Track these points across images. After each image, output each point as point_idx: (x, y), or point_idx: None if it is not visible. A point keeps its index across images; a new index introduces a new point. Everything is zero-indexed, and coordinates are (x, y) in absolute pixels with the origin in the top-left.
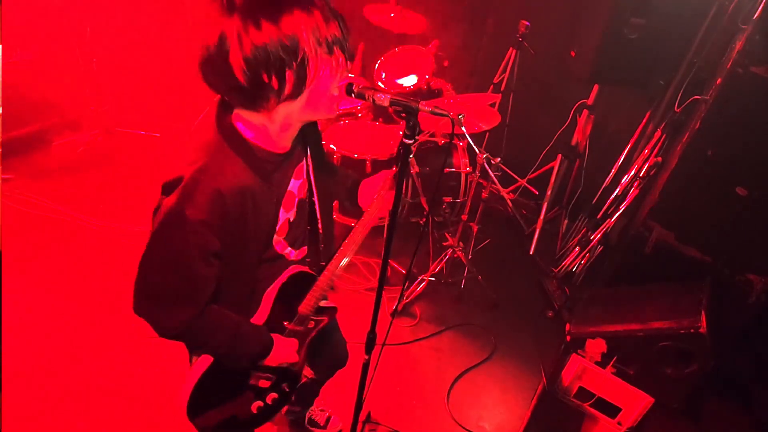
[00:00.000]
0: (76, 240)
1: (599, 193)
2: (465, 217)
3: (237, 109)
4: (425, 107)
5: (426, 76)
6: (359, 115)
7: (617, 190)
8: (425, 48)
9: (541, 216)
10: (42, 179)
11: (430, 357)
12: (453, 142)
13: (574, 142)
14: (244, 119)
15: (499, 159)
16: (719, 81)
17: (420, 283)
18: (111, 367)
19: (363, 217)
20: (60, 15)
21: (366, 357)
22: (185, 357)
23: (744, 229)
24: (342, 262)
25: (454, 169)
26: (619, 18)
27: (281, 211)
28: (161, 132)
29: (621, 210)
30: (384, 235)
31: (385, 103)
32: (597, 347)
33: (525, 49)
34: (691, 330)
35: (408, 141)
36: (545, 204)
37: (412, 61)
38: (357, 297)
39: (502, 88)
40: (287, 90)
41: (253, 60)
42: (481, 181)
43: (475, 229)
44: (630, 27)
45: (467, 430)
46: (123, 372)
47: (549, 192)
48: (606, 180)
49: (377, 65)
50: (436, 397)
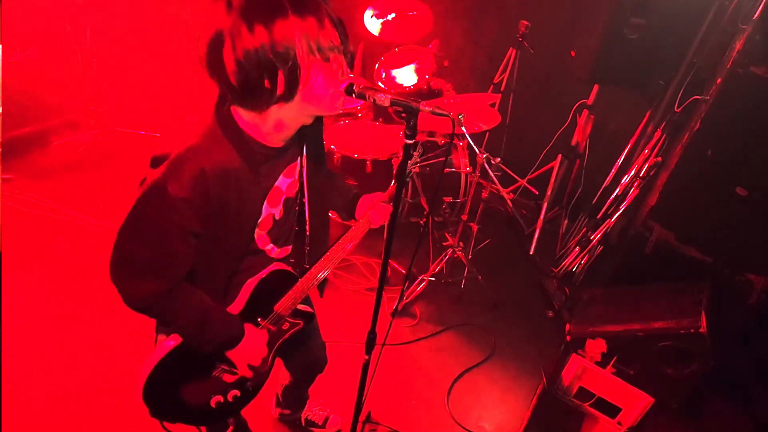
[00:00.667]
0: (76, 240)
1: (599, 193)
2: (465, 217)
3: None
4: (425, 107)
5: (426, 76)
6: (359, 115)
7: (617, 190)
8: (425, 48)
9: (541, 216)
10: (42, 179)
11: (430, 357)
12: (453, 142)
13: (574, 142)
14: (239, 113)
15: (499, 159)
16: (719, 81)
17: (420, 283)
18: (111, 367)
19: (353, 227)
20: (60, 15)
21: (366, 357)
22: None
23: (744, 229)
24: (325, 270)
25: (454, 169)
26: (619, 18)
27: (265, 205)
28: (161, 132)
29: (621, 210)
30: (384, 235)
31: (386, 103)
32: (597, 347)
33: (525, 49)
34: (691, 330)
35: (408, 141)
36: (545, 204)
37: (412, 61)
38: (357, 297)
39: (502, 88)
40: (279, 92)
41: (245, 63)
42: (481, 181)
43: (475, 229)
44: (630, 27)
45: (467, 430)
46: (123, 372)
47: (549, 192)
48: (606, 180)
49: (377, 65)
50: (436, 397)
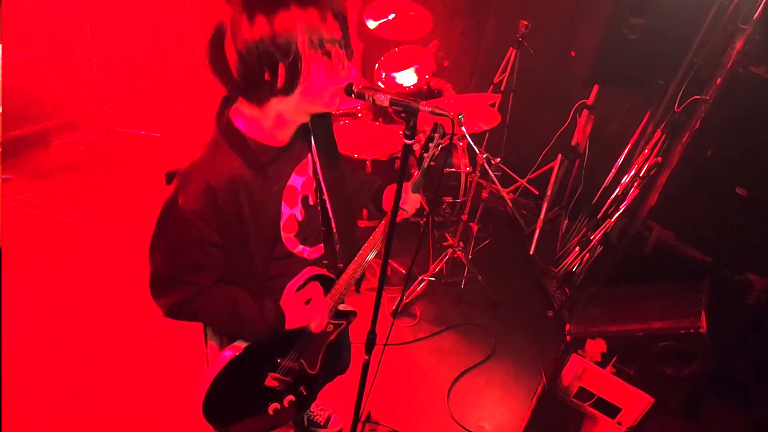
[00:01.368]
0: (76, 240)
1: (599, 193)
2: (465, 217)
3: (238, 102)
4: (425, 107)
5: (426, 76)
6: (359, 115)
7: (617, 190)
8: (425, 48)
9: (541, 216)
10: (42, 179)
11: (430, 357)
12: (453, 142)
13: (574, 142)
14: (241, 112)
15: (499, 159)
16: (719, 81)
17: (420, 283)
18: (111, 367)
19: (384, 220)
20: (60, 15)
21: (366, 357)
22: (186, 357)
23: (744, 229)
24: (361, 266)
25: (454, 169)
26: (619, 18)
27: (283, 206)
28: (161, 132)
29: (621, 210)
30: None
31: (385, 104)
32: (597, 347)
33: (525, 49)
34: (691, 330)
35: (408, 141)
36: (545, 204)
37: (412, 61)
38: (357, 297)
39: (502, 88)
40: (279, 84)
41: (246, 54)
42: (481, 181)
43: (475, 229)
44: (630, 27)
45: (467, 430)
46: (123, 372)
47: (549, 192)
48: (606, 180)
49: (377, 65)
50: (436, 397)
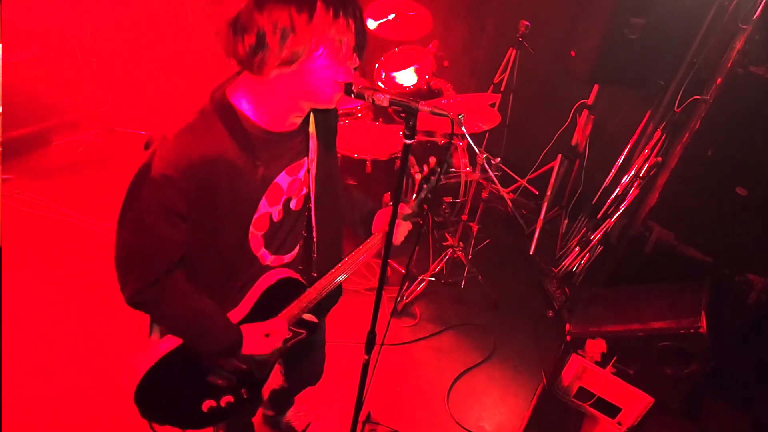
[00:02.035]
0: (76, 240)
1: (599, 193)
2: (465, 217)
3: (242, 77)
4: (425, 107)
5: (426, 76)
6: (359, 115)
7: (617, 190)
8: (425, 48)
9: (541, 216)
10: (42, 179)
11: (430, 357)
12: (453, 142)
13: (574, 142)
14: (245, 88)
15: (499, 159)
16: (719, 81)
17: (420, 283)
18: (111, 367)
19: (367, 241)
20: (60, 15)
21: (366, 357)
22: None
23: (744, 229)
24: (336, 279)
25: (454, 169)
26: (619, 18)
27: (263, 202)
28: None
29: (621, 210)
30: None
31: (385, 104)
32: (597, 347)
33: (525, 49)
34: (691, 330)
35: (408, 141)
36: (545, 204)
37: (412, 61)
38: (357, 297)
39: (502, 88)
40: (285, 54)
41: (266, 20)
42: (481, 181)
43: (475, 229)
44: (630, 27)
45: (467, 430)
46: (123, 371)
47: (549, 192)
48: (606, 180)
49: (377, 65)
50: (436, 397)
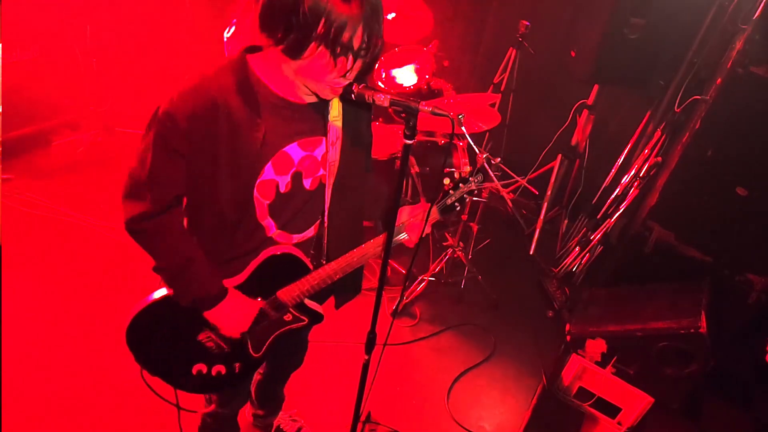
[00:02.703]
0: (76, 240)
1: (599, 193)
2: (465, 217)
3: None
4: (425, 107)
5: (426, 76)
6: None
7: (617, 190)
8: (425, 48)
9: (541, 216)
10: (42, 179)
11: (430, 357)
12: (453, 142)
13: (574, 142)
14: (262, 56)
15: (499, 159)
16: (719, 81)
17: (420, 283)
18: (111, 367)
19: (378, 237)
20: (60, 15)
21: (366, 357)
22: None
23: (744, 229)
24: (340, 268)
25: (454, 169)
26: (619, 18)
27: (269, 167)
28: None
29: (621, 210)
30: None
31: (385, 104)
32: (597, 347)
33: (525, 49)
34: (691, 330)
35: (408, 141)
36: (545, 204)
37: (412, 61)
38: (357, 297)
39: (502, 88)
40: (285, 45)
41: (276, 9)
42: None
43: (475, 229)
44: (630, 27)
45: (467, 430)
46: (123, 371)
47: (549, 192)
48: (606, 180)
49: (377, 65)
50: (436, 397)
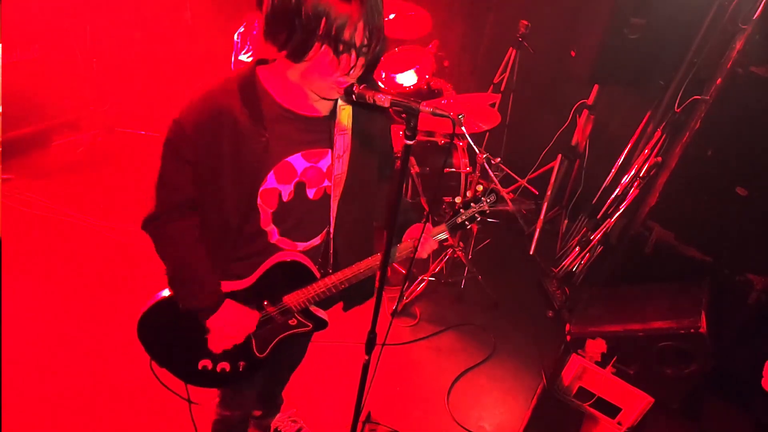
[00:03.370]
0: (76, 240)
1: (599, 193)
2: None
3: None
4: (426, 108)
5: (426, 76)
6: None
7: (617, 190)
8: (425, 48)
9: (541, 216)
10: (42, 179)
11: (430, 357)
12: (453, 142)
13: (574, 142)
14: (270, 68)
15: (499, 159)
16: (719, 81)
17: (420, 283)
18: (111, 367)
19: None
20: (60, 15)
21: (366, 357)
22: None
23: (744, 229)
24: (346, 278)
25: (454, 169)
26: (619, 18)
27: (271, 175)
28: (162, 132)
29: (621, 210)
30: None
31: (386, 104)
32: (597, 347)
33: (525, 49)
34: (691, 330)
35: (409, 141)
36: (545, 204)
37: (412, 61)
38: None
39: (502, 88)
40: (289, 48)
41: (278, 6)
42: (481, 181)
43: (475, 229)
44: (630, 27)
45: (467, 430)
46: (123, 372)
47: (549, 192)
48: (606, 180)
49: (380, 60)
50: (436, 397)
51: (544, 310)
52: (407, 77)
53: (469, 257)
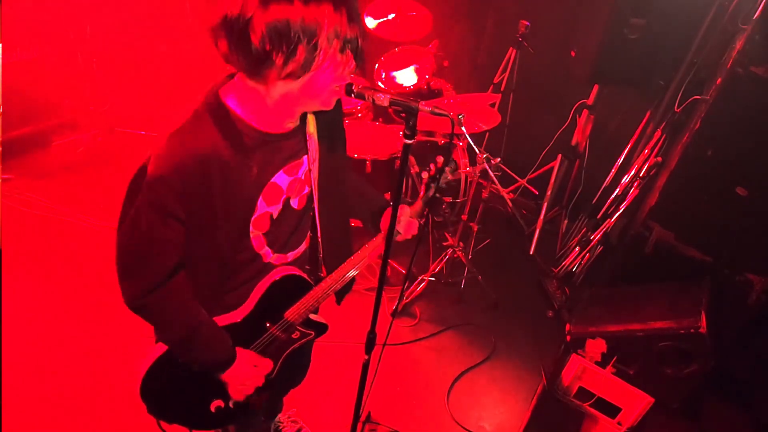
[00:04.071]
0: (76, 240)
1: (599, 193)
2: (465, 217)
3: (237, 78)
4: (425, 107)
5: (426, 76)
6: (359, 115)
7: (617, 190)
8: (425, 48)
9: (541, 216)
10: (42, 179)
11: (430, 357)
12: (453, 142)
13: (574, 142)
14: (238, 90)
15: (499, 159)
16: (719, 81)
17: (420, 283)
18: (111, 367)
19: (374, 239)
20: (60, 15)
21: (366, 357)
22: None
23: (744, 229)
24: (342, 278)
25: (460, 172)
26: (619, 18)
27: (261, 201)
28: (161, 132)
29: (621, 210)
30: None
31: (385, 104)
32: (597, 347)
33: (525, 49)
34: (691, 330)
35: (408, 141)
36: (545, 204)
37: (412, 61)
38: (357, 297)
39: (502, 88)
40: (290, 68)
41: (273, 29)
42: (481, 181)
43: (475, 229)
44: (630, 27)
45: (467, 430)
46: (123, 372)
47: (549, 192)
48: (606, 180)
49: (377, 65)
50: (436, 397)
51: (544, 310)
52: (407, 77)
53: (469, 257)
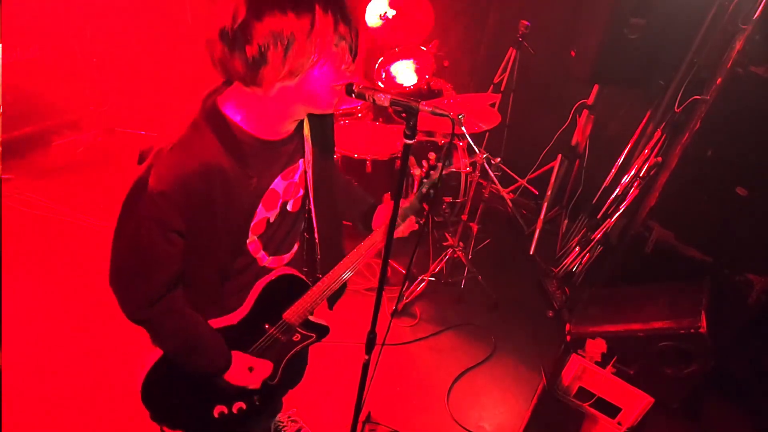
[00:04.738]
0: (76, 240)
1: (599, 193)
2: (465, 217)
3: (234, 86)
4: (425, 107)
5: (426, 76)
6: (359, 115)
7: (617, 190)
8: (425, 48)
9: (541, 216)
10: (42, 179)
11: (430, 357)
12: (453, 142)
13: (574, 142)
14: (234, 98)
15: (499, 159)
16: (719, 81)
17: (420, 283)
18: (111, 367)
19: (368, 238)
20: (60, 15)
21: (366, 357)
22: None
23: (744, 229)
24: (339, 278)
25: (454, 169)
26: (619, 18)
27: (260, 208)
28: (161, 132)
29: (621, 210)
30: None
31: (385, 104)
32: (597, 347)
33: (525, 49)
34: (691, 330)
35: (408, 141)
36: (545, 204)
37: (411, 59)
38: (357, 297)
39: (502, 88)
40: (287, 67)
41: (267, 30)
42: (481, 181)
43: (475, 229)
44: (630, 27)
45: (467, 430)
46: (123, 372)
47: (549, 192)
48: (606, 180)
49: (377, 65)
50: (436, 397)
51: (544, 310)
52: (407, 77)
53: (469, 257)
